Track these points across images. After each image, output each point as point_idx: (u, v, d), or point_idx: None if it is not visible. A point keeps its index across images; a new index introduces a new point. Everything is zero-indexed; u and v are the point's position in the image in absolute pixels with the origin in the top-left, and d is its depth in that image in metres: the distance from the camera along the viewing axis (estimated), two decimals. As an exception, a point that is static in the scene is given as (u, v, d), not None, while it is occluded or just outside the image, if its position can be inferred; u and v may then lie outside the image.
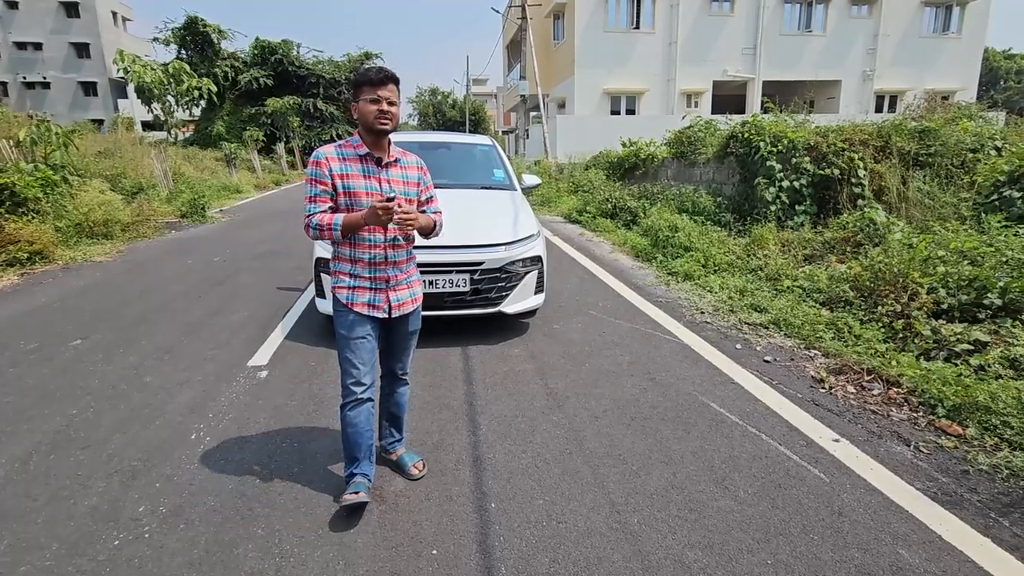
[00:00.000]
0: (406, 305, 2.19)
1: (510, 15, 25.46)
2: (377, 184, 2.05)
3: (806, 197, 6.72)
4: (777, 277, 5.09)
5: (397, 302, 2.15)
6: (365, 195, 2.02)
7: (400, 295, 2.16)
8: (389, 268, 2.11)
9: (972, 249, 4.33)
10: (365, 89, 1.97)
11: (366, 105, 1.97)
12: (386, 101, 1.97)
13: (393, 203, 1.91)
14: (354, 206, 2.01)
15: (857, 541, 1.96)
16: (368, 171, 2.05)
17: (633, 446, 2.59)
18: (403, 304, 2.18)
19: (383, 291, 2.11)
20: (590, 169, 13.30)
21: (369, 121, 1.98)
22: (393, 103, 1.99)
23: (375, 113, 1.96)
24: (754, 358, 3.63)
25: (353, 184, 2.02)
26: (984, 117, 8.09)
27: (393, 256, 2.12)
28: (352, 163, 2.03)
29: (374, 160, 2.06)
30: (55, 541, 1.98)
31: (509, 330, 4.20)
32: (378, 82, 1.96)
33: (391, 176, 2.09)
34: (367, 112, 1.97)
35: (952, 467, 2.41)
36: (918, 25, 23.06)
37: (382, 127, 1.99)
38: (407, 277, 2.20)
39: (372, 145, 2.05)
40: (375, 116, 1.97)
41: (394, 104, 2.00)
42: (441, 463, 2.46)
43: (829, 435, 2.68)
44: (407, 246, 2.18)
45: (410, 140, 5.70)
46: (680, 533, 2.00)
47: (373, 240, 2.06)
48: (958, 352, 3.28)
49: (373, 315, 2.11)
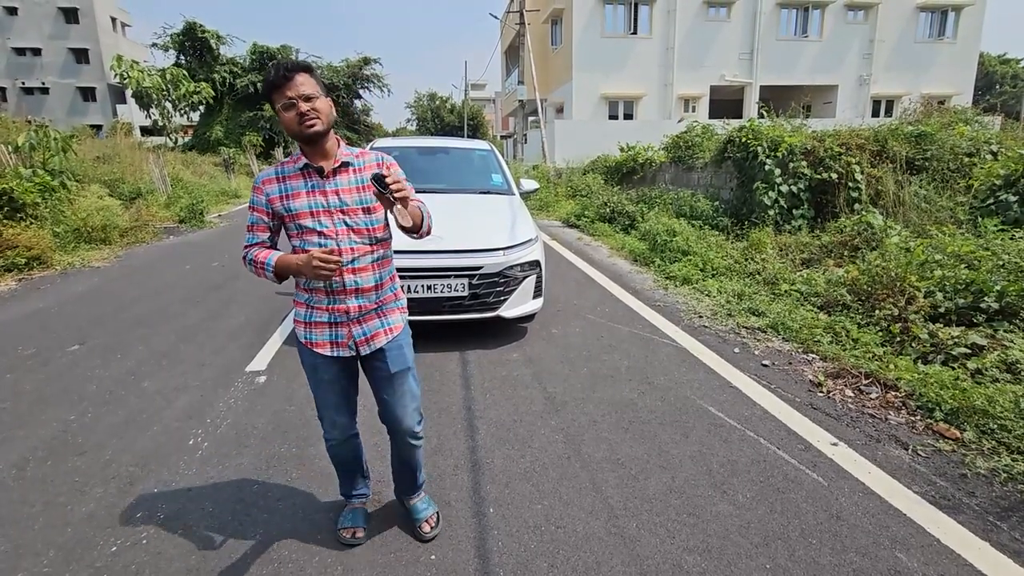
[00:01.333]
0: (378, 338, 1.79)
1: (508, 20, 25.57)
2: (323, 199, 1.67)
3: (803, 201, 6.75)
4: (775, 281, 5.10)
5: (363, 336, 1.77)
6: (309, 216, 1.66)
7: (368, 327, 1.78)
8: (351, 297, 1.73)
9: (969, 253, 4.35)
10: (274, 96, 1.60)
11: (282, 113, 1.61)
12: (301, 99, 1.58)
13: (338, 257, 1.61)
14: (303, 230, 1.67)
15: (855, 545, 1.96)
16: (312, 185, 1.68)
17: (631, 451, 2.59)
18: (374, 337, 1.79)
19: (344, 325, 1.75)
20: (588, 174, 13.34)
21: (294, 130, 1.62)
22: (311, 97, 1.59)
23: (295, 119, 1.59)
24: (752, 362, 3.64)
25: (295, 204, 1.66)
26: (980, 121, 8.15)
27: (356, 282, 1.72)
28: (293, 180, 1.68)
29: (315, 171, 1.68)
30: (52, 548, 1.97)
31: (507, 334, 4.20)
32: (282, 81, 1.58)
33: (340, 185, 1.69)
34: (288, 121, 1.61)
35: (950, 471, 2.41)
36: (913, 30, 23.22)
37: (310, 130, 1.60)
38: (380, 304, 1.80)
39: (311, 154, 1.68)
40: (297, 122, 1.60)
41: (313, 98, 1.60)
42: (439, 468, 2.46)
43: (827, 439, 2.68)
44: (376, 268, 1.76)
45: (408, 145, 5.72)
46: (678, 538, 2.00)
47: None
48: (955, 356, 3.29)
49: (337, 354, 1.77)
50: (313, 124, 1.60)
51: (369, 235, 1.73)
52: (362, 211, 1.70)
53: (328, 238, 1.67)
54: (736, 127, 7.67)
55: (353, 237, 1.69)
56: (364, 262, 1.73)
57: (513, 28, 23.82)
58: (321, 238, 1.67)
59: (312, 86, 1.61)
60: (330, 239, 1.67)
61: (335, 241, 1.67)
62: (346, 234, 1.69)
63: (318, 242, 1.66)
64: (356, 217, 1.70)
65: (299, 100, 1.58)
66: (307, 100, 1.59)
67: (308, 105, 1.59)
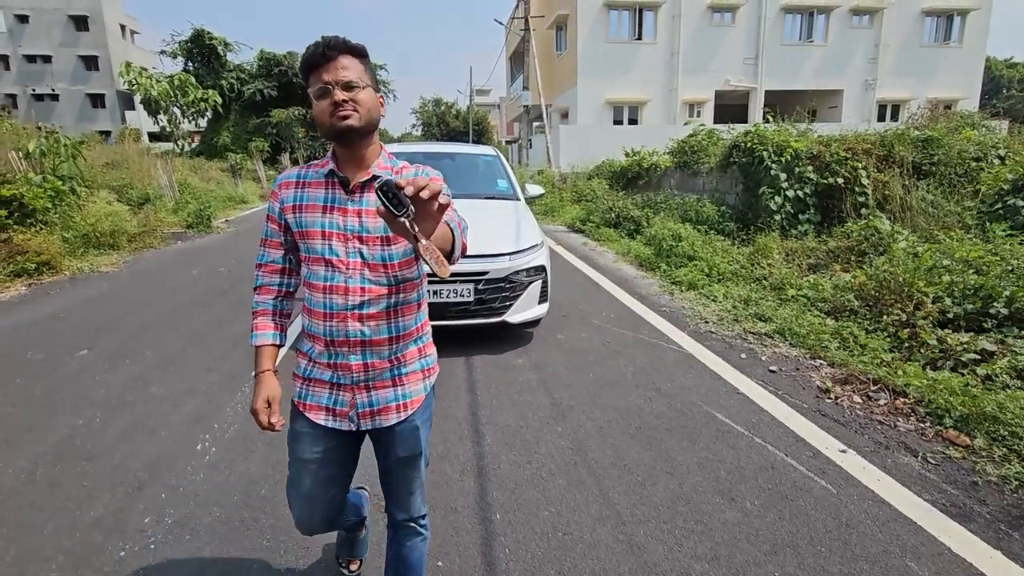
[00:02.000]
0: (387, 414, 1.37)
1: (513, 26, 25.69)
2: (341, 219, 1.30)
3: (810, 206, 6.73)
4: (781, 286, 5.08)
5: (369, 407, 1.36)
6: (321, 237, 1.30)
7: (378, 396, 1.36)
8: (356, 351, 1.32)
9: (977, 258, 4.32)
10: (311, 77, 1.27)
11: (316, 101, 1.28)
12: (340, 85, 1.24)
13: (272, 424, 1.37)
14: (311, 252, 1.32)
15: (865, 553, 1.94)
16: (332, 199, 1.32)
17: (638, 457, 2.58)
18: (382, 411, 1.37)
19: (348, 388, 1.35)
20: (593, 179, 13.36)
21: (325, 123, 1.26)
22: (353, 85, 1.25)
23: (327, 109, 1.25)
24: (759, 368, 3.62)
25: (308, 219, 1.32)
26: (987, 126, 8.11)
27: (362, 332, 1.31)
28: (314, 188, 1.34)
29: (340, 182, 1.32)
30: (60, 553, 1.98)
31: (513, 340, 4.20)
32: (320, 61, 1.25)
33: (365, 205, 1.30)
34: (319, 112, 1.27)
35: (960, 478, 2.39)
36: (919, 35, 23.16)
37: (341, 123, 1.24)
38: (397, 364, 1.38)
39: (342, 159, 1.33)
40: (329, 113, 1.25)
41: (355, 87, 1.25)
42: (446, 474, 2.46)
43: (836, 446, 2.66)
44: (393, 317, 1.34)
45: (414, 151, 5.74)
46: (687, 545, 1.99)
47: (327, 304, 1.31)
48: (964, 362, 3.26)
49: (333, 426, 1.37)
50: (347, 117, 1.24)
51: (387, 273, 1.31)
52: (380, 241, 1.30)
53: (337, 270, 1.29)
54: (742, 132, 7.67)
55: (367, 274, 1.30)
56: (377, 307, 1.31)
57: (518, 34, 23.94)
58: (328, 269, 1.30)
59: (357, 72, 1.26)
60: (339, 272, 1.29)
61: (344, 276, 1.29)
62: (359, 269, 1.29)
63: (324, 275, 1.30)
64: (374, 248, 1.29)
65: (336, 87, 1.24)
66: (347, 88, 1.24)
67: (346, 94, 1.24)
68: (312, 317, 1.34)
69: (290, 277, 1.46)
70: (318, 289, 1.31)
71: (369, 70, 1.32)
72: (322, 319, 1.31)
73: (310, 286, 1.33)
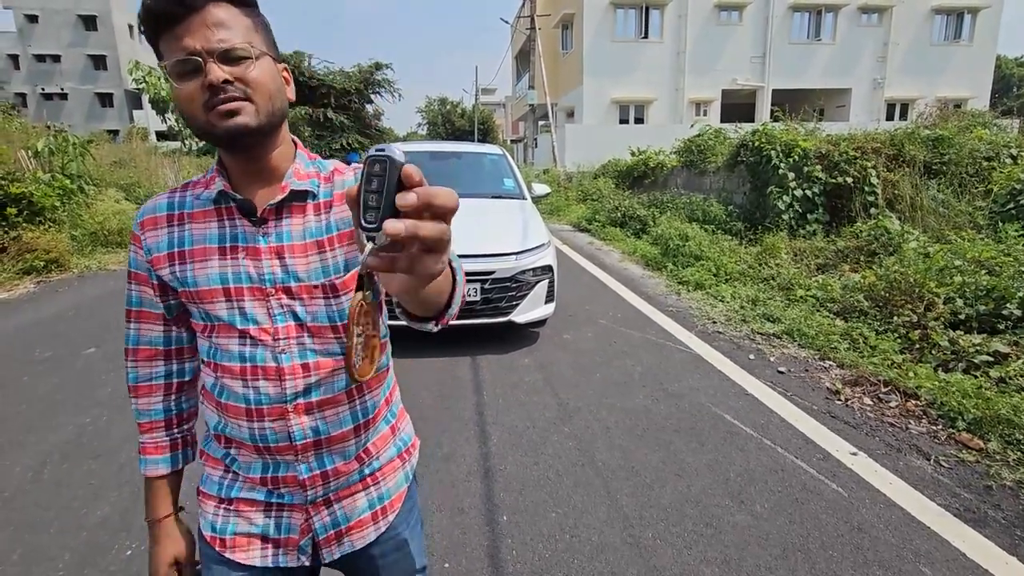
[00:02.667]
0: (361, 530, 0.92)
1: (519, 25, 25.67)
2: (252, 267, 0.82)
3: (818, 206, 6.68)
4: (790, 286, 5.04)
5: (335, 528, 0.90)
6: (225, 298, 0.82)
7: (345, 510, 0.91)
8: (308, 458, 0.87)
9: (989, 259, 4.26)
10: (161, 44, 0.75)
11: (180, 86, 0.75)
12: (216, 57, 0.73)
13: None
14: (212, 320, 0.84)
15: (878, 558, 1.91)
16: (232, 237, 0.83)
17: (646, 458, 2.56)
18: (353, 529, 0.92)
19: (298, 508, 0.89)
20: (599, 178, 13.32)
21: (199, 121, 0.76)
22: (238, 54, 0.74)
23: (198, 97, 0.74)
24: (768, 369, 3.59)
25: (198, 272, 0.83)
26: (998, 125, 8.02)
27: (315, 429, 0.86)
28: (199, 223, 0.84)
29: (240, 209, 0.83)
30: (67, 551, 1.97)
31: (519, 340, 4.18)
32: (177, 14, 0.73)
33: (287, 239, 0.83)
34: (186, 102, 0.75)
35: (974, 482, 2.35)
36: (928, 33, 22.96)
37: (229, 125, 0.75)
38: (368, 461, 0.93)
39: (236, 173, 0.83)
40: (203, 105, 0.74)
41: (242, 57, 0.75)
42: (452, 475, 2.44)
43: (846, 448, 2.63)
44: (358, 399, 0.90)
45: (420, 150, 5.73)
46: (696, 548, 1.96)
47: (251, 397, 0.84)
48: (977, 364, 3.22)
49: (278, 564, 0.89)
50: (235, 112, 0.74)
51: (339, 339, 0.86)
52: (324, 290, 0.83)
53: (260, 345, 0.82)
54: (749, 131, 7.61)
55: (310, 343, 0.84)
56: (331, 390, 0.85)
57: (524, 33, 23.91)
58: (246, 344, 0.82)
59: (243, 32, 0.75)
60: (263, 347, 0.82)
61: (272, 351, 0.82)
62: (295, 338, 0.83)
63: (240, 353, 0.82)
64: (314, 301, 0.83)
65: (210, 59, 0.72)
66: (228, 60, 0.73)
67: (229, 71, 0.73)
68: (226, 414, 0.85)
69: (183, 360, 0.94)
70: (232, 374, 0.83)
71: (262, 28, 0.79)
72: (245, 418, 0.83)
73: (219, 369, 0.84)
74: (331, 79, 32.90)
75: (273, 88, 0.79)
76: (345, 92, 32.73)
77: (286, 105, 0.82)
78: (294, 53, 32.48)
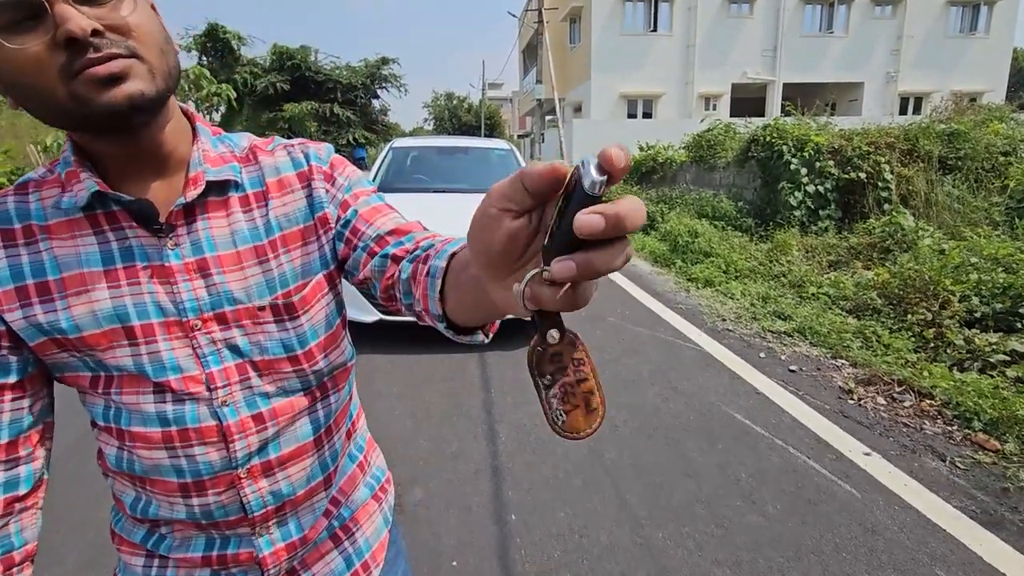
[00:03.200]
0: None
1: (526, 19, 25.54)
2: (163, 293, 0.58)
3: (830, 202, 6.60)
4: (801, 284, 4.98)
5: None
6: (126, 345, 0.58)
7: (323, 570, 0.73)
8: (270, 528, 0.66)
9: (1006, 256, 4.19)
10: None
11: (10, 41, 0.47)
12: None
13: None
14: (111, 374, 0.60)
15: (892, 561, 1.88)
16: (121, 255, 0.58)
17: (656, 458, 2.54)
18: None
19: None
20: (607, 173, 13.22)
21: (47, 92, 0.49)
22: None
23: (48, 57, 0.47)
24: (779, 367, 3.55)
25: (78, 316, 0.56)
26: (1015, 119, 7.88)
27: (275, 492, 0.65)
28: (66, 242, 0.57)
29: (135, 215, 0.58)
30: (74, 551, 1.98)
31: (528, 337, 4.16)
32: None
33: (209, 249, 0.60)
34: (21, 66, 0.47)
35: (991, 484, 2.31)
36: (943, 25, 22.59)
37: (111, 95, 0.49)
38: (338, 509, 0.75)
39: (114, 162, 0.58)
40: (58, 67, 0.47)
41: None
42: (460, 473, 2.43)
43: (860, 448, 2.59)
44: (325, 444, 0.70)
45: (427, 145, 5.71)
46: (707, 550, 1.94)
47: (184, 468, 0.61)
48: (993, 363, 3.16)
49: None
50: (121, 74, 0.50)
51: (304, 368, 0.66)
52: (275, 311, 0.63)
53: (191, 399, 0.60)
54: (760, 126, 7.53)
55: (260, 387, 0.63)
56: (295, 439, 0.66)
57: (531, 27, 23.78)
58: (166, 402, 0.60)
59: None
60: (195, 400, 0.60)
61: (209, 405, 0.61)
62: (238, 382, 0.62)
63: (159, 414, 0.60)
64: (262, 331, 0.63)
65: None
66: (95, 1, 0.49)
67: (95, 14, 0.49)
68: (149, 491, 0.64)
69: (30, 459, 0.63)
70: (150, 443, 0.60)
71: None
72: (180, 494, 0.63)
73: (127, 437, 0.62)
74: (337, 74, 32.96)
75: (161, 37, 0.55)
76: (351, 87, 32.76)
77: (179, 61, 0.58)
78: (300, 48, 32.54)
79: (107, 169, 0.59)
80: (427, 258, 0.56)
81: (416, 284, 0.56)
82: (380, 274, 0.63)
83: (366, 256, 0.64)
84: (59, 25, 0.47)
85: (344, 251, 0.67)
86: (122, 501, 0.69)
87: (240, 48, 31.14)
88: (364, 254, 0.64)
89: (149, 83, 0.52)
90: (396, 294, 0.61)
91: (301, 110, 29.99)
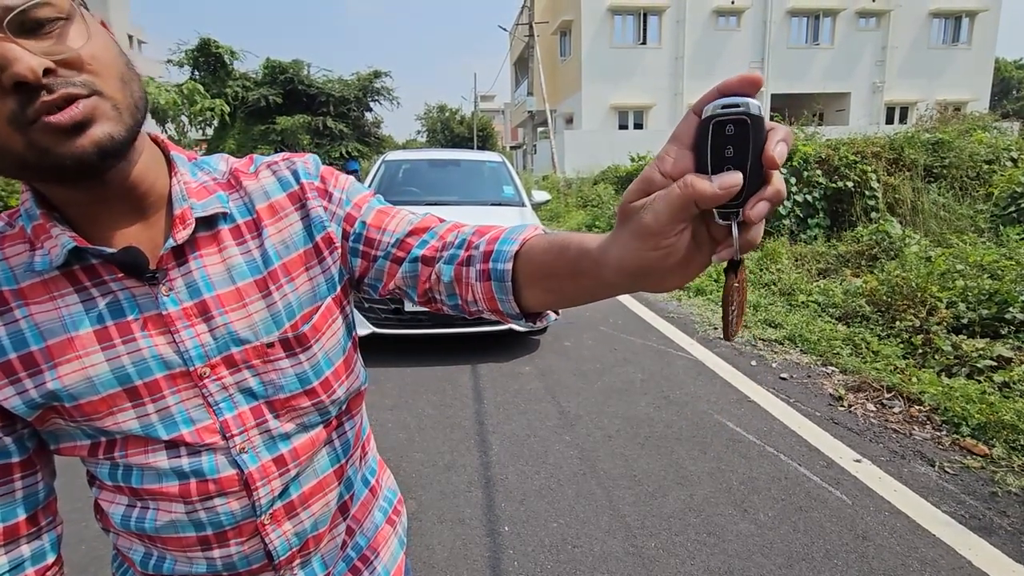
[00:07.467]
0: None
1: (517, 32, 25.81)
2: (165, 346, 0.53)
3: (819, 210, 6.67)
4: (791, 292, 5.03)
5: None
6: (129, 407, 0.53)
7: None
8: (296, 569, 0.64)
9: (991, 262, 4.25)
10: None
11: None
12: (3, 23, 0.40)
13: None
14: (112, 435, 0.55)
15: (883, 567, 1.89)
16: (110, 312, 0.52)
17: (648, 467, 2.54)
18: None
19: None
20: (599, 184, 13.33)
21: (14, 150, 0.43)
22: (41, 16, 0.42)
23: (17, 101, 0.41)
24: (770, 375, 3.57)
25: (72, 383, 0.51)
26: (998, 127, 8.03)
27: (299, 533, 0.62)
28: (44, 306, 0.51)
29: (119, 265, 0.51)
30: (67, 565, 1.95)
31: (519, 347, 4.17)
32: None
33: (208, 289, 0.55)
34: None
35: (980, 489, 2.33)
36: (927, 36, 23.05)
37: (79, 145, 0.44)
38: (352, 536, 0.72)
39: (85, 211, 0.52)
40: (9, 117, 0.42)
41: (52, 17, 0.42)
42: (453, 485, 2.43)
43: (850, 455, 2.61)
44: (341, 477, 0.67)
45: (420, 157, 5.74)
46: (699, 558, 1.95)
47: (204, 521, 0.58)
48: (981, 368, 3.20)
49: None
50: (86, 119, 0.44)
51: (322, 399, 0.62)
52: (285, 346, 0.59)
53: (207, 450, 0.56)
54: (748, 136, 7.62)
55: (279, 428, 0.59)
56: (318, 474, 0.64)
57: (522, 40, 24.04)
58: (181, 456, 0.56)
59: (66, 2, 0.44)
60: (211, 451, 0.57)
61: (227, 455, 0.57)
62: (256, 426, 0.58)
63: (174, 469, 0.56)
64: (275, 368, 0.59)
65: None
66: (28, 29, 0.42)
67: (42, 48, 0.42)
68: (163, 548, 0.60)
69: (51, 526, 0.62)
70: (167, 498, 0.57)
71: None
72: (199, 548, 0.59)
73: (141, 495, 0.57)
74: (330, 87, 33.13)
75: (121, 64, 0.48)
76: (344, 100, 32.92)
77: (144, 89, 0.50)
78: (293, 62, 32.70)
79: (76, 217, 0.52)
80: (469, 259, 0.56)
81: (464, 286, 0.56)
82: (414, 279, 0.61)
83: (391, 264, 0.61)
84: (4, 68, 0.40)
85: (363, 265, 0.63)
86: (130, 558, 0.64)
87: (232, 62, 31.28)
88: (387, 262, 0.62)
89: (117, 123, 0.46)
90: (437, 296, 0.60)
91: (294, 123, 30.07)
